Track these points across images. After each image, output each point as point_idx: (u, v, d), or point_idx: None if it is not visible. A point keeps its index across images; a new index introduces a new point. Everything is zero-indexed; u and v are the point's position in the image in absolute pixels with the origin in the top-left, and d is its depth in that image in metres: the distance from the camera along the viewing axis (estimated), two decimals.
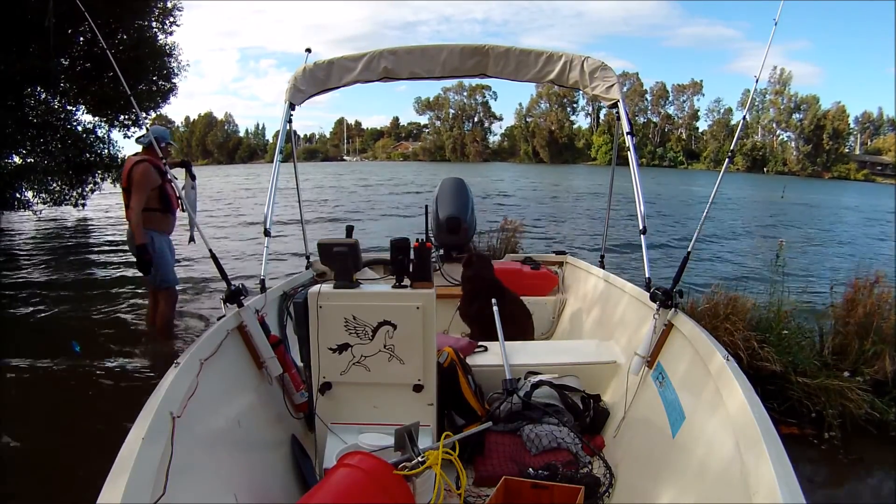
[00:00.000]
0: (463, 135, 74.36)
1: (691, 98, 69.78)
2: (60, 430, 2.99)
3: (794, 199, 24.10)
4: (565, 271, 4.07)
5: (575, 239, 10.95)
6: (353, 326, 1.99)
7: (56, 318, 5.14)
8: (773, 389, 3.13)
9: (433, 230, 4.08)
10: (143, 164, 3.85)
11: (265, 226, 2.56)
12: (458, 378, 2.28)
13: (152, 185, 3.85)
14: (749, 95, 2.61)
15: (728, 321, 3.38)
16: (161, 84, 12.19)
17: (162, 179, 3.88)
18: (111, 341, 4.42)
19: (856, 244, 12.23)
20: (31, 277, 7.03)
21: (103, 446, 2.59)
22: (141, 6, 10.88)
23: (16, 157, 11.09)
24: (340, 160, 78.77)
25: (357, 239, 2.07)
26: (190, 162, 4.32)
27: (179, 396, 1.50)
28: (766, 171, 60.44)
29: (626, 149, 2.71)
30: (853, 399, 3.01)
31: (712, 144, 65.33)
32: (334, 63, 3.12)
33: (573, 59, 3.01)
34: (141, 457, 1.21)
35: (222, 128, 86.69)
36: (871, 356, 3.28)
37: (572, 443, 2.13)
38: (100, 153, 11.88)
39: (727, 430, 1.40)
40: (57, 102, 11.24)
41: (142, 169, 3.83)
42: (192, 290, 5.98)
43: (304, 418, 2.24)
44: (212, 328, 1.94)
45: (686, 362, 1.87)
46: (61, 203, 12.51)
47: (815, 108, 60.90)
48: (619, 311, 2.85)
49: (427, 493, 1.67)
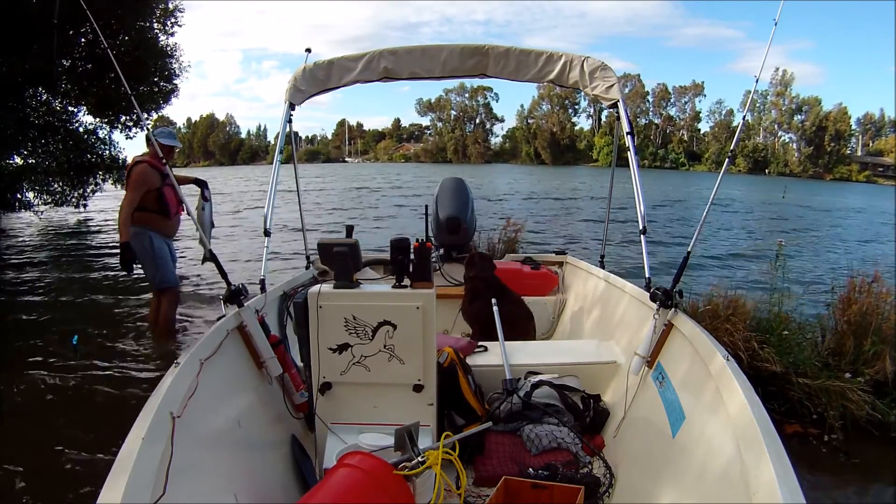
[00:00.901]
0: (465, 136, 74.40)
1: (693, 99, 69.91)
2: (59, 431, 2.99)
3: (796, 201, 24.08)
4: (565, 271, 4.07)
5: (578, 238, 10.95)
6: (353, 326, 1.99)
7: (55, 318, 5.14)
8: (773, 390, 3.11)
9: (433, 230, 4.09)
10: (140, 164, 3.86)
11: (265, 226, 2.56)
12: (458, 378, 2.28)
13: (149, 186, 3.83)
14: (750, 95, 2.63)
15: (728, 322, 3.37)
16: (162, 85, 12.19)
17: (163, 182, 3.86)
18: (111, 340, 4.42)
19: (858, 245, 12.21)
20: (32, 277, 7.03)
21: (102, 445, 2.61)
22: (142, 7, 10.88)
23: (17, 157, 11.11)
24: (342, 162, 78.86)
25: (357, 239, 2.07)
26: (205, 182, 4.23)
27: (179, 396, 1.50)
28: (768, 173, 60.39)
29: (627, 149, 2.71)
30: (854, 400, 2.99)
31: (714, 146, 65.26)
32: (334, 63, 3.12)
33: (573, 59, 3.01)
34: (141, 457, 1.21)
35: (224, 129, 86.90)
36: (871, 356, 3.26)
37: (572, 443, 2.13)
38: (101, 154, 11.90)
39: (727, 430, 1.40)
40: (58, 103, 11.27)
41: (139, 169, 3.83)
42: (192, 290, 5.99)
43: (304, 418, 2.24)
44: (212, 328, 1.94)
45: (686, 362, 1.87)
46: (63, 204, 12.53)
47: (816, 110, 60.88)
48: (620, 311, 2.85)
49: (427, 493, 1.67)
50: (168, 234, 4.09)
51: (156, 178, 3.85)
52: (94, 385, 3.59)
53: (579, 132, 73.03)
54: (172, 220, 4.06)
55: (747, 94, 50.38)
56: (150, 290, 4.61)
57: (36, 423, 3.10)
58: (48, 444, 2.81)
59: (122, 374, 3.77)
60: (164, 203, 3.92)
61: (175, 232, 4.18)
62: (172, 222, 4.08)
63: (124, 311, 5.30)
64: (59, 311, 5.40)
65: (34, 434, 2.97)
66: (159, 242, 3.99)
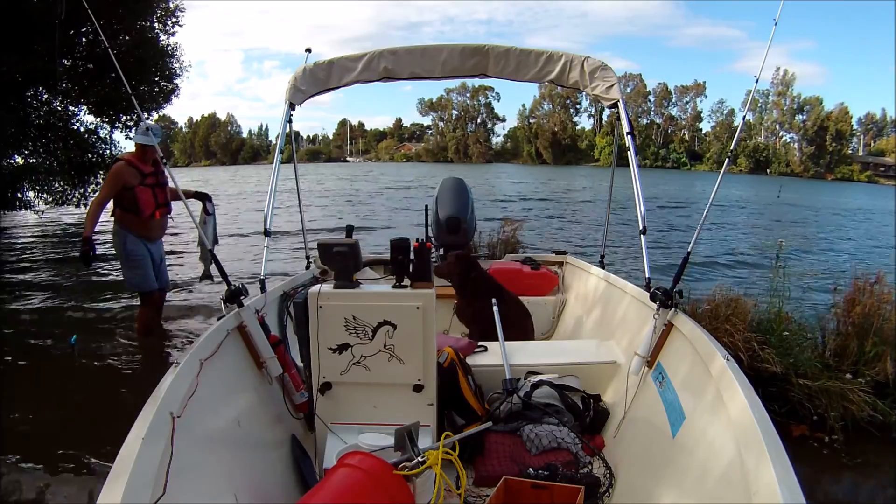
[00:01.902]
0: (466, 136, 74.36)
1: (694, 99, 69.86)
2: (58, 429, 3.00)
3: (795, 201, 24.03)
4: (565, 271, 4.07)
5: (577, 239, 10.94)
6: (353, 326, 1.99)
7: (53, 316, 5.15)
8: (774, 391, 3.11)
9: (433, 230, 4.08)
10: (118, 162, 3.83)
11: (265, 226, 2.56)
12: (458, 378, 2.28)
13: (122, 184, 3.72)
14: (750, 95, 2.63)
15: (728, 322, 3.36)
16: (163, 85, 12.20)
17: (142, 180, 3.76)
18: (109, 339, 4.43)
19: (860, 245, 12.19)
20: (31, 276, 7.04)
21: (101, 445, 2.61)
22: (143, 7, 10.89)
23: (18, 157, 11.11)
24: (343, 161, 78.85)
25: (357, 239, 2.07)
26: (208, 195, 4.02)
27: (179, 396, 1.50)
28: (770, 173, 60.28)
29: (627, 149, 2.71)
30: (855, 401, 2.98)
31: (715, 146, 65.19)
32: (334, 63, 3.12)
33: (573, 59, 3.01)
34: (141, 457, 1.21)
35: (225, 129, 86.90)
36: (871, 357, 3.25)
37: (572, 443, 2.12)
38: (102, 154, 11.89)
39: (727, 430, 1.40)
40: (59, 103, 11.27)
41: (114, 167, 3.80)
42: (192, 289, 5.99)
43: (304, 418, 2.24)
44: (212, 328, 1.94)
45: (686, 362, 1.86)
46: (63, 203, 12.52)
47: (818, 110, 60.78)
48: (620, 311, 2.85)
49: (427, 493, 1.66)
50: (148, 236, 3.92)
51: (133, 177, 3.74)
52: (91, 383, 3.61)
53: (581, 132, 72.97)
54: (149, 221, 3.88)
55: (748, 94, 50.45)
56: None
57: (35, 422, 3.11)
58: (46, 443, 2.82)
59: (119, 373, 3.77)
60: (136, 203, 3.76)
61: (157, 235, 4.02)
62: (151, 224, 3.91)
63: (121, 309, 5.30)
64: (56, 308, 5.42)
65: (34, 434, 2.98)
66: (134, 245, 3.85)
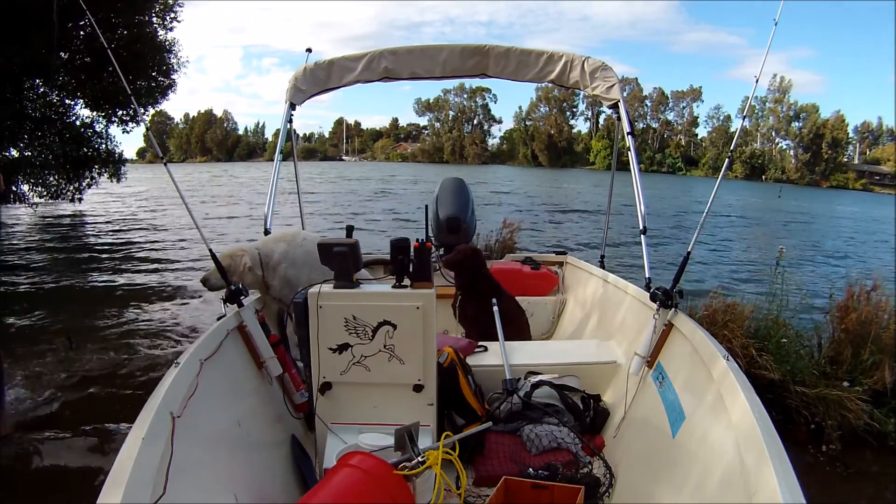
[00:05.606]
0: (462, 137, 74.38)
1: (690, 104, 70.22)
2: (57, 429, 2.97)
3: (793, 208, 24.15)
4: (565, 271, 4.06)
5: (577, 239, 10.96)
6: (353, 326, 1.98)
7: (51, 314, 5.11)
8: (771, 398, 3.08)
9: (433, 230, 4.08)
10: None
11: (265, 225, 2.55)
12: (458, 378, 2.27)
13: None
14: (750, 96, 2.63)
15: (726, 328, 3.36)
16: (160, 80, 12.15)
17: None
18: (106, 338, 4.40)
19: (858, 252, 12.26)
20: (27, 274, 6.99)
21: (100, 444, 2.59)
22: (141, 1, 10.84)
23: (13, 150, 11.03)
24: (339, 160, 78.70)
25: (357, 239, 2.06)
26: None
27: (179, 396, 1.49)
28: (765, 179, 60.63)
29: (627, 149, 2.71)
30: (852, 409, 2.96)
31: (711, 151, 65.51)
32: (335, 63, 3.11)
33: (574, 59, 3.01)
34: (141, 457, 1.20)
35: (222, 125, 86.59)
36: (869, 366, 3.23)
37: (572, 443, 2.12)
38: (97, 148, 11.84)
39: (727, 430, 1.40)
40: (56, 96, 11.20)
41: None
42: (192, 289, 5.96)
43: (304, 418, 2.23)
44: (212, 328, 1.93)
45: (686, 362, 1.87)
46: (58, 197, 12.45)
47: (814, 117, 61.19)
48: (620, 312, 2.85)
49: (427, 493, 1.66)
50: None
51: None
52: (89, 382, 3.58)
53: (577, 135, 73.16)
54: None
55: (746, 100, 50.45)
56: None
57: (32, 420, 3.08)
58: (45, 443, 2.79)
59: (115, 371, 3.75)
60: None
61: None
62: None
63: (118, 309, 5.27)
64: (56, 308, 5.37)
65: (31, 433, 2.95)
66: None
